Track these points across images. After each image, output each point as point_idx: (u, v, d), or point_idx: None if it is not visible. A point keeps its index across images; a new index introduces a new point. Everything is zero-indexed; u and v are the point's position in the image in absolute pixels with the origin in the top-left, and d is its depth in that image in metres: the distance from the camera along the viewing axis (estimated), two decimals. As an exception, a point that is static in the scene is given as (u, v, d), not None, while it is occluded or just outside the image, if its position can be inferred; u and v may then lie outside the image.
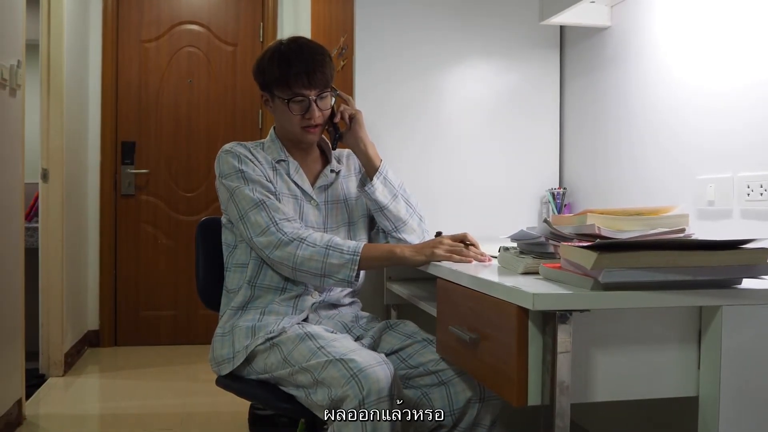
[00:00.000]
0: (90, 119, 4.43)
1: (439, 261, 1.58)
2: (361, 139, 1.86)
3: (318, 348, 1.60)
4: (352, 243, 1.69)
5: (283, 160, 1.86)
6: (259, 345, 1.71)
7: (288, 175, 1.85)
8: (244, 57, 4.64)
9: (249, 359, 1.73)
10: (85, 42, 4.34)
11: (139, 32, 4.52)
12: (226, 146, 1.85)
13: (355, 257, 1.66)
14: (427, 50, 2.37)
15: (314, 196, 1.86)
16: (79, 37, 4.16)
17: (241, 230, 1.77)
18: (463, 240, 1.64)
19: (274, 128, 1.91)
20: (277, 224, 1.70)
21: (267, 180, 1.79)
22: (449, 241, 1.62)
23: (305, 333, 1.67)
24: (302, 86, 1.75)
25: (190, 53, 4.58)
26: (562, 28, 2.47)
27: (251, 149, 1.85)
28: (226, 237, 1.89)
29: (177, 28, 4.56)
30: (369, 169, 1.87)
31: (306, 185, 1.86)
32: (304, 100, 1.76)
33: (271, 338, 1.70)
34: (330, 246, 1.67)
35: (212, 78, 4.60)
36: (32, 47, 3.35)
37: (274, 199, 1.76)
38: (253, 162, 1.80)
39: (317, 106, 1.77)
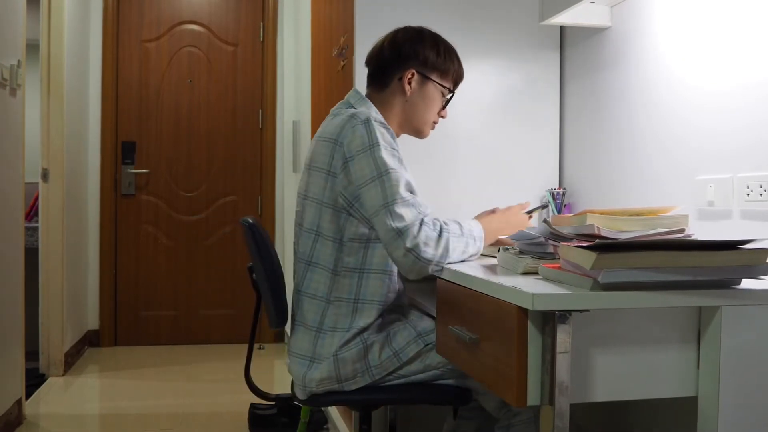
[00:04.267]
0: (90, 119, 4.44)
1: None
2: None
3: None
4: (473, 224, 1.65)
5: (396, 150, 1.68)
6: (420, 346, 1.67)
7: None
8: (245, 57, 4.64)
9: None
10: (85, 42, 4.34)
11: (139, 32, 4.52)
12: (363, 114, 1.64)
13: (478, 243, 1.63)
14: (427, 50, 2.37)
15: None
16: (79, 37, 4.16)
17: (373, 220, 1.58)
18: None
19: (376, 110, 1.78)
20: (423, 221, 1.56)
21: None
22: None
23: None
24: (458, 85, 1.84)
25: (191, 53, 4.58)
26: (562, 28, 2.47)
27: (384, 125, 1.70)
28: (327, 228, 1.65)
29: (177, 28, 4.57)
30: None
31: None
32: (450, 98, 1.83)
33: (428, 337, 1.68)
34: (468, 234, 1.61)
35: (212, 78, 4.60)
36: (32, 47, 3.35)
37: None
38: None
39: None
